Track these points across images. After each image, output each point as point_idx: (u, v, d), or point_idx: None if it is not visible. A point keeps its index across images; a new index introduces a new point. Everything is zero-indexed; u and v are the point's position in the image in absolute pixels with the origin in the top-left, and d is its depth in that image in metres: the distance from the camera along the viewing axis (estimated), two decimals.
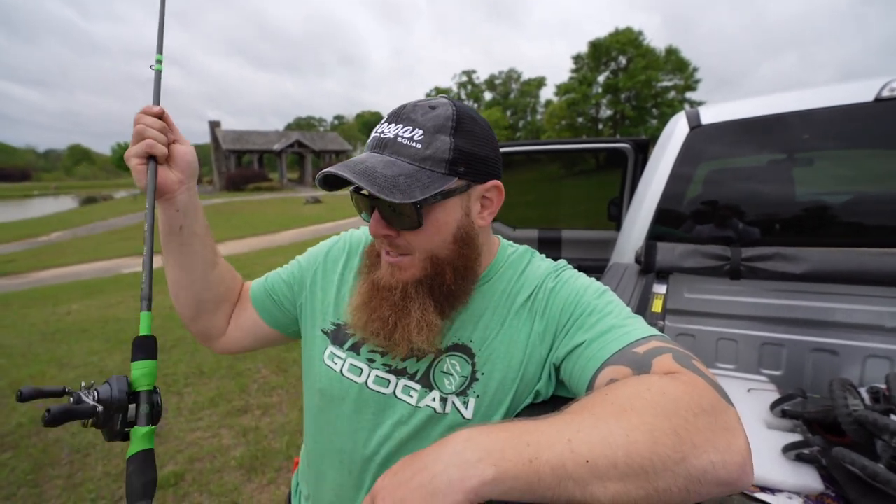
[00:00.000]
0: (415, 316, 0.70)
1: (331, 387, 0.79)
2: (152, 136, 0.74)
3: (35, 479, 2.37)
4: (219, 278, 0.87)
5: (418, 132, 0.65)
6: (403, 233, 0.69)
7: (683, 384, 0.51)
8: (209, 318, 0.88)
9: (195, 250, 0.82)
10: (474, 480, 0.44)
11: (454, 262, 0.71)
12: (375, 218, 0.69)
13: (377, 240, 0.73)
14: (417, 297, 0.71)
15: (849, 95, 1.52)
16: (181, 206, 0.79)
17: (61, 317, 5.54)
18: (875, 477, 0.96)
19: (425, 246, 0.70)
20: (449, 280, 0.71)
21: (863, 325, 1.56)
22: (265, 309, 0.90)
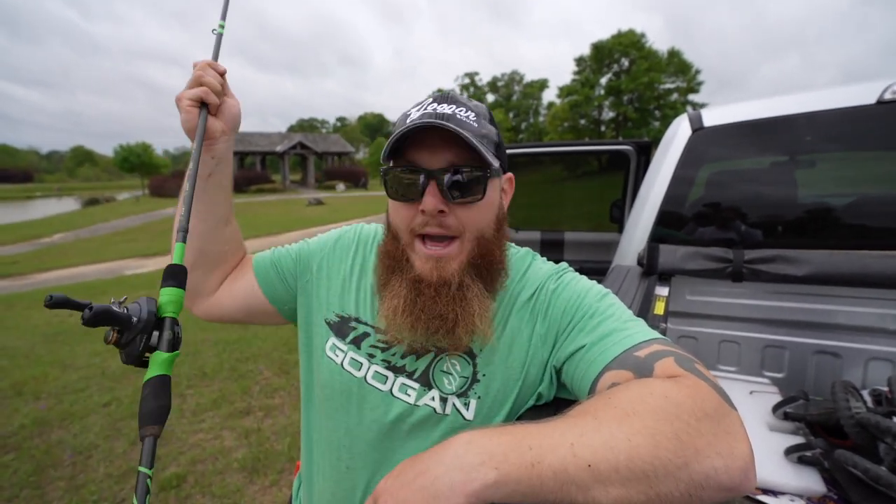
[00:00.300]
0: (475, 303, 0.69)
1: (332, 380, 0.78)
2: (209, 85, 0.75)
3: (37, 480, 2.37)
4: (228, 237, 0.86)
5: (471, 113, 0.69)
6: (456, 209, 0.68)
7: (686, 388, 0.51)
8: (204, 274, 0.86)
9: (216, 201, 0.81)
10: (476, 483, 0.44)
11: (497, 241, 0.73)
12: (432, 192, 0.66)
13: (421, 220, 0.68)
14: (473, 283, 0.70)
15: (851, 98, 1.52)
16: (218, 154, 0.79)
17: (64, 318, 5.56)
18: (877, 480, 0.96)
19: (477, 224, 0.70)
20: (496, 258, 0.73)
21: (865, 328, 1.55)
22: (267, 280, 0.88)
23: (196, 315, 0.91)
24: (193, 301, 0.89)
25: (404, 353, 0.75)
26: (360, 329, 0.78)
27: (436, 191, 0.66)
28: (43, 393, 3.36)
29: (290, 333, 4.53)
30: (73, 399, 3.25)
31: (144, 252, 12.51)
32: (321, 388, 0.80)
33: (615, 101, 49.44)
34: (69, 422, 2.95)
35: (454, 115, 0.66)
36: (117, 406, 3.14)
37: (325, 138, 47.71)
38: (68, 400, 3.24)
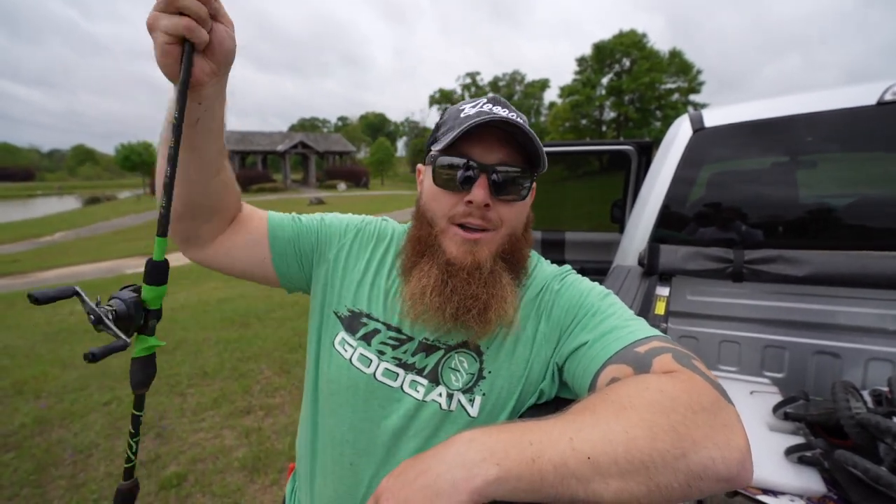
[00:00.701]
0: (506, 289, 0.72)
1: (339, 375, 0.78)
2: (192, 12, 0.56)
3: (38, 479, 2.38)
4: (219, 187, 0.76)
5: (521, 119, 0.72)
6: (497, 205, 0.71)
7: (682, 382, 0.52)
8: (194, 225, 0.78)
9: (204, 149, 0.70)
10: (478, 480, 0.44)
11: (524, 239, 0.77)
12: (482, 186, 0.69)
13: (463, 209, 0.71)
14: (503, 271, 0.73)
15: (851, 99, 1.52)
16: (206, 99, 0.65)
17: (64, 317, 5.56)
18: (877, 480, 0.96)
19: (513, 220, 0.74)
20: (524, 255, 0.77)
21: (865, 328, 1.55)
22: (283, 259, 0.83)
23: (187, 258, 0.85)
24: (186, 249, 0.82)
25: (415, 350, 0.76)
26: (371, 325, 0.78)
27: (486, 184, 0.69)
28: (43, 392, 3.36)
29: (290, 333, 4.53)
30: (73, 398, 3.25)
31: (145, 251, 12.52)
32: (327, 383, 0.80)
33: (616, 101, 49.42)
34: (70, 420, 2.95)
35: (509, 118, 0.69)
36: (118, 405, 3.14)
37: (327, 138, 47.73)
38: (69, 399, 3.24)
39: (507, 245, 0.74)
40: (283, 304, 5.59)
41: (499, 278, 0.71)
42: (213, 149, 0.71)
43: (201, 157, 0.70)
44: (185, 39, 0.57)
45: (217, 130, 0.70)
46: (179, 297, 6.52)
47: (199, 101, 0.65)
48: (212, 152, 0.71)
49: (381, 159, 52.95)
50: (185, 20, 0.56)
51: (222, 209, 0.79)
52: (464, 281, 0.70)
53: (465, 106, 0.74)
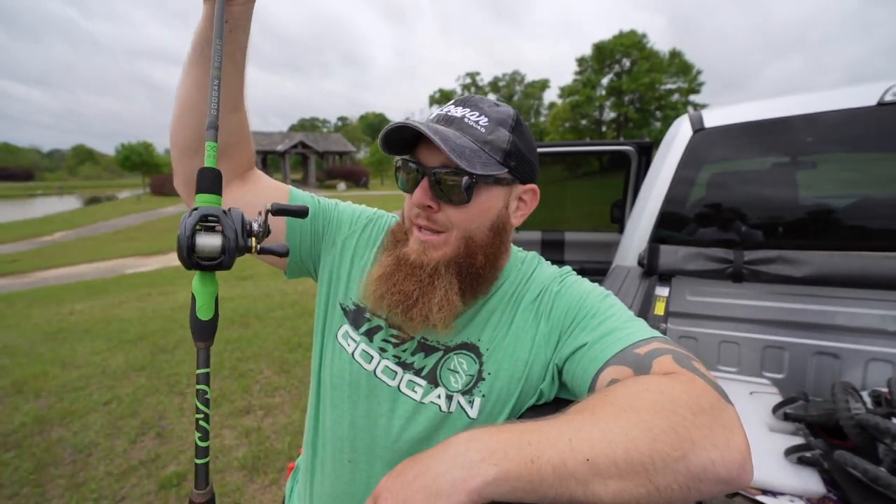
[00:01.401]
0: (439, 294, 0.71)
1: (341, 369, 0.78)
2: None
3: (38, 478, 2.38)
4: (235, 126, 0.75)
5: (484, 118, 0.69)
6: (445, 208, 0.70)
7: (682, 384, 0.52)
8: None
9: (227, 75, 0.69)
10: (477, 480, 0.44)
11: (486, 248, 0.73)
12: (423, 187, 0.69)
13: (415, 212, 0.72)
14: (446, 275, 0.72)
15: (852, 99, 1.52)
16: (234, 17, 0.66)
17: (64, 317, 5.56)
18: (876, 481, 0.96)
19: (464, 225, 0.71)
20: (479, 263, 0.73)
21: (865, 329, 1.55)
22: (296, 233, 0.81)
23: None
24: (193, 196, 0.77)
25: (414, 349, 0.76)
26: (374, 321, 0.78)
27: (426, 186, 0.69)
28: (43, 391, 3.36)
29: (290, 333, 4.53)
30: (73, 397, 3.25)
31: (145, 251, 12.53)
32: (330, 376, 0.80)
33: (616, 101, 49.42)
34: (69, 420, 2.95)
35: (462, 118, 0.69)
36: (118, 404, 3.14)
37: (327, 138, 47.72)
38: (68, 398, 3.24)
39: (463, 250, 0.72)
40: (282, 304, 5.59)
41: (438, 282, 0.71)
42: (233, 79, 0.70)
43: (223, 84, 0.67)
44: None
45: (239, 62, 0.70)
46: (179, 296, 6.51)
47: (227, 19, 0.64)
48: (232, 82, 0.70)
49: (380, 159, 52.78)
50: None
51: (234, 153, 0.77)
52: (405, 276, 0.71)
53: (439, 108, 0.74)
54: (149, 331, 4.70)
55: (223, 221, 0.50)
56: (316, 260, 0.85)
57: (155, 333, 4.61)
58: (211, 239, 0.49)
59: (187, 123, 0.72)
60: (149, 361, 3.89)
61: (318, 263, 0.85)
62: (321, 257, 0.85)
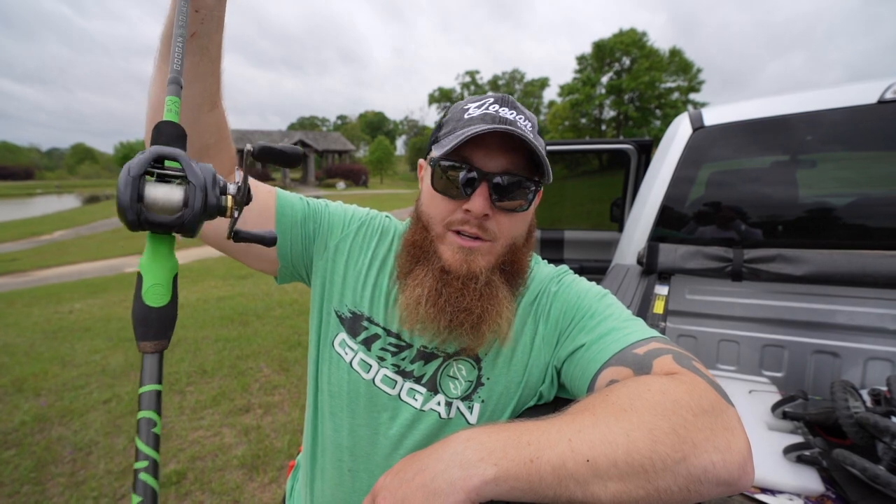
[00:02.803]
0: (503, 304, 0.69)
1: (339, 378, 0.77)
2: None
3: (38, 476, 2.38)
4: (213, 125, 0.70)
5: (529, 123, 0.68)
6: (497, 215, 0.68)
7: (684, 384, 0.51)
8: None
9: (199, 72, 0.64)
10: (475, 480, 0.44)
11: (525, 248, 0.74)
12: (483, 195, 0.65)
13: (462, 217, 0.67)
14: (501, 284, 0.70)
15: (852, 97, 1.52)
16: (205, 6, 0.60)
17: (64, 315, 5.56)
18: (875, 479, 0.96)
19: (512, 232, 0.70)
20: (523, 265, 0.73)
21: (864, 328, 1.55)
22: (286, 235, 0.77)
23: None
24: None
25: (414, 357, 0.74)
26: (373, 330, 0.76)
27: (486, 193, 0.65)
28: (43, 389, 3.36)
29: (290, 331, 4.53)
30: (73, 396, 3.25)
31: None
32: (327, 384, 0.79)
33: (616, 99, 49.43)
34: (69, 418, 2.95)
35: (515, 121, 0.65)
36: (117, 403, 3.14)
37: (326, 136, 47.65)
38: (68, 397, 3.24)
39: (507, 256, 0.70)
40: (282, 303, 5.58)
41: (495, 291, 0.68)
42: (208, 76, 0.65)
43: (196, 80, 0.64)
44: None
45: (213, 56, 0.65)
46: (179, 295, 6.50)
47: (197, 9, 0.60)
48: (207, 79, 0.65)
49: (380, 158, 52.87)
50: None
51: (215, 154, 0.72)
52: (458, 291, 0.67)
53: (471, 105, 0.69)
54: None
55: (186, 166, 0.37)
56: (308, 264, 0.81)
57: None
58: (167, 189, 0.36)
59: None
60: None
61: (310, 268, 0.81)
62: (313, 261, 0.81)
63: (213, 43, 0.64)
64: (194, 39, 0.62)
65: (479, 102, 0.69)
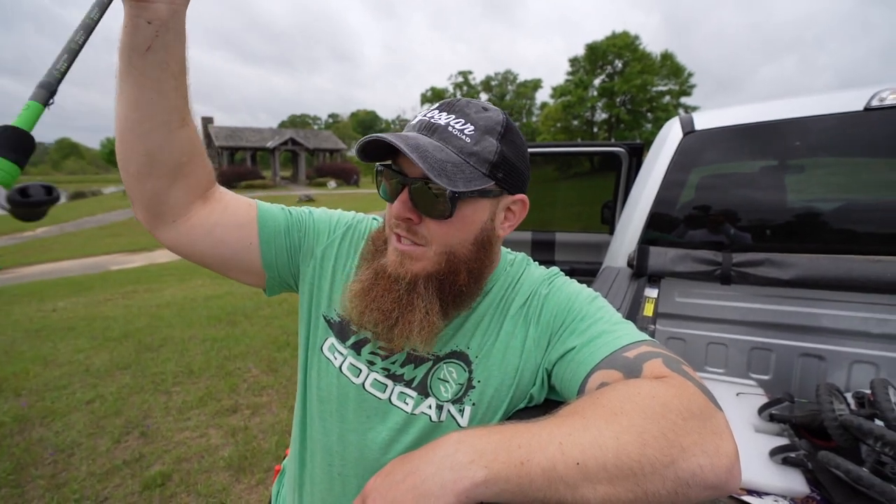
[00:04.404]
0: (419, 314, 0.68)
1: (328, 383, 0.76)
2: None
3: (17, 479, 2.33)
4: (185, 143, 0.68)
5: (469, 127, 0.65)
6: (427, 221, 0.66)
7: (673, 388, 0.51)
8: (158, 186, 0.68)
9: (161, 89, 0.62)
10: (466, 482, 0.44)
11: (470, 263, 0.70)
12: (402, 199, 0.65)
13: (395, 223, 0.68)
14: (426, 293, 0.68)
15: (839, 104, 1.55)
16: (158, 17, 0.57)
17: (47, 314, 5.46)
18: (859, 481, 0.97)
19: (446, 240, 0.68)
20: (462, 281, 0.70)
21: (849, 331, 1.58)
22: (270, 246, 0.77)
23: (159, 240, 0.75)
24: (157, 225, 0.72)
25: (404, 361, 0.74)
26: (362, 334, 0.76)
27: (406, 198, 0.65)
28: (24, 389, 3.30)
29: (279, 331, 4.49)
30: (54, 396, 3.19)
31: (131, 247, 12.34)
32: (316, 389, 0.78)
33: (608, 102, 49.80)
34: (51, 419, 2.89)
35: (446, 126, 0.64)
36: (101, 403, 3.09)
37: (317, 135, 47.44)
38: (50, 397, 3.18)
39: (445, 266, 0.68)
40: (270, 303, 5.54)
41: (416, 301, 0.67)
42: (171, 91, 0.63)
43: (158, 97, 0.62)
44: None
45: (176, 71, 0.62)
46: (165, 294, 6.43)
47: (149, 20, 0.56)
48: (171, 96, 0.63)
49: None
50: None
51: (189, 173, 0.70)
52: (383, 291, 0.68)
53: (420, 112, 0.69)
54: (134, 328, 4.63)
55: None
56: (295, 273, 0.81)
57: (140, 331, 4.54)
58: None
59: (131, 146, 0.65)
60: (133, 360, 3.83)
61: (297, 276, 0.81)
62: (300, 269, 0.81)
63: (172, 57, 0.61)
64: (150, 54, 0.59)
65: (427, 109, 0.69)
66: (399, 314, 0.68)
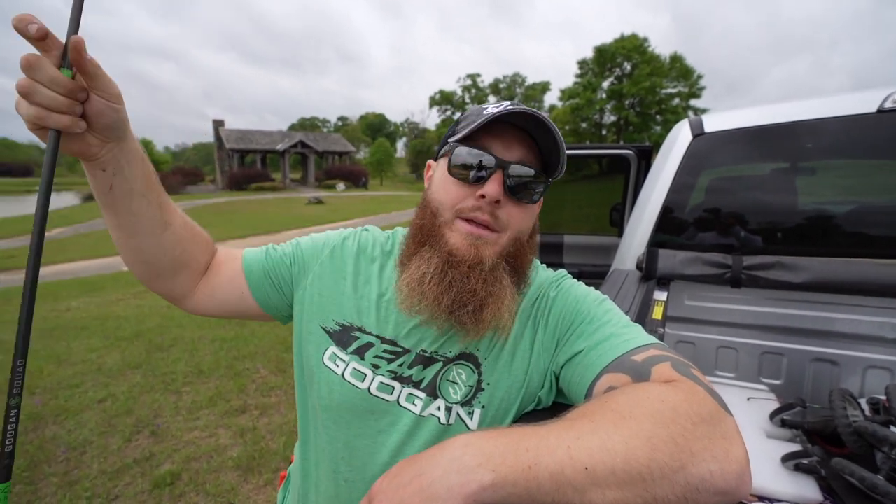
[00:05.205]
0: (507, 291, 0.69)
1: (330, 391, 0.75)
2: (45, 104, 0.53)
3: (30, 476, 2.36)
4: (173, 241, 0.74)
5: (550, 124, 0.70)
6: (508, 205, 0.69)
7: (682, 392, 0.51)
8: (167, 282, 0.78)
9: (135, 210, 0.68)
10: (473, 485, 0.44)
11: (530, 246, 0.74)
12: (498, 181, 0.67)
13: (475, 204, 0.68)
14: (506, 274, 0.70)
15: (852, 106, 1.53)
16: (107, 165, 0.63)
17: (61, 313, 5.54)
18: (874, 489, 0.96)
19: (521, 224, 0.72)
20: (527, 263, 0.74)
21: (863, 336, 1.55)
22: (261, 290, 0.82)
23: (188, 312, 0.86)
24: (178, 304, 0.83)
25: (412, 362, 0.73)
26: (364, 339, 0.75)
27: (501, 180, 0.67)
28: (37, 388, 3.35)
29: (287, 332, 4.52)
30: (67, 395, 3.24)
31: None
32: (318, 399, 0.77)
33: (617, 104, 49.57)
34: (63, 417, 2.93)
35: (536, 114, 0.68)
36: (112, 402, 3.13)
37: (326, 137, 47.76)
38: (63, 395, 3.22)
39: (512, 249, 0.71)
40: None
41: (500, 278, 0.69)
42: (144, 208, 0.69)
43: (134, 217, 0.69)
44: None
45: (140, 190, 0.67)
46: None
47: (103, 168, 0.63)
48: (144, 212, 0.69)
49: (380, 160, 53.01)
50: (34, 110, 0.53)
51: (186, 261, 0.77)
52: (463, 274, 0.67)
53: (489, 105, 0.72)
54: (145, 328, 4.68)
55: None
56: (291, 303, 0.84)
57: (151, 331, 4.59)
58: None
59: (129, 260, 0.75)
60: (144, 359, 3.88)
61: (292, 305, 0.84)
62: (294, 298, 0.83)
63: (134, 183, 0.66)
64: (114, 190, 0.65)
65: (497, 104, 0.72)
66: (487, 293, 0.67)
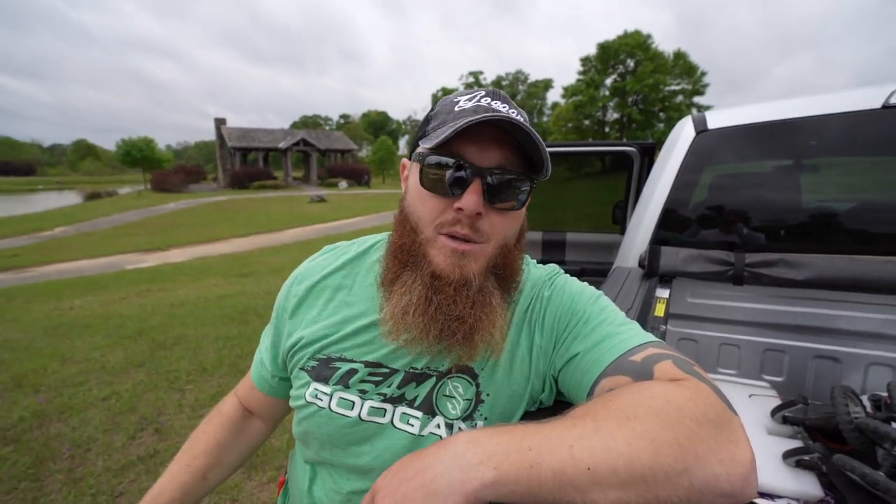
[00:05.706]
0: (497, 311, 0.64)
1: (319, 426, 0.71)
2: None
3: (36, 473, 2.38)
4: (217, 480, 0.86)
5: (522, 117, 0.65)
6: (490, 214, 0.63)
7: (688, 391, 0.50)
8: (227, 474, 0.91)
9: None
10: (475, 483, 0.44)
11: (519, 251, 0.70)
12: (476, 191, 0.60)
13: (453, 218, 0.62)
14: (495, 290, 0.65)
15: (856, 102, 1.52)
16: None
17: (64, 312, 5.56)
18: (875, 485, 0.96)
19: (505, 231, 0.66)
20: (517, 267, 0.69)
21: (865, 333, 1.55)
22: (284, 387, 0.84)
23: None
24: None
25: (401, 382, 0.69)
26: (345, 367, 0.70)
27: (479, 190, 0.61)
28: (42, 386, 3.36)
29: None
30: (72, 392, 3.25)
31: (145, 247, 12.52)
32: (304, 433, 0.75)
33: (620, 102, 49.34)
34: (68, 415, 2.95)
35: (508, 115, 0.60)
36: (117, 400, 3.14)
37: (329, 135, 47.72)
38: (67, 393, 3.24)
39: (500, 258, 0.66)
40: None
41: (488, 298, 0.64)
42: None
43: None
44: None
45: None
46: (179, 293, 6.51)
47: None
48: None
49: (382, 158, 52.96)
50: None
51: (236, 466, 0.91)
52: (450, 298, 0.62)
53: (461, 98, 0.66)
54: (148, 327, 4.70)
55: None
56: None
57: (154, 329, 4.61)
58: None
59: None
60: (148, 357, 3.89)
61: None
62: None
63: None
64: None
65: (469, 95, 0.66)
66: (475, 318, 0.63)
